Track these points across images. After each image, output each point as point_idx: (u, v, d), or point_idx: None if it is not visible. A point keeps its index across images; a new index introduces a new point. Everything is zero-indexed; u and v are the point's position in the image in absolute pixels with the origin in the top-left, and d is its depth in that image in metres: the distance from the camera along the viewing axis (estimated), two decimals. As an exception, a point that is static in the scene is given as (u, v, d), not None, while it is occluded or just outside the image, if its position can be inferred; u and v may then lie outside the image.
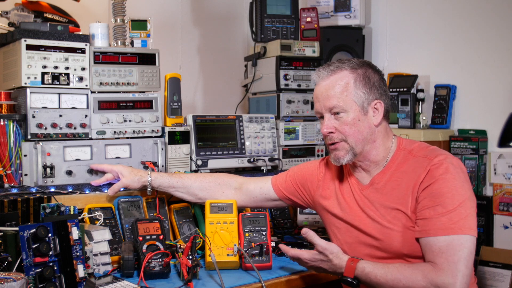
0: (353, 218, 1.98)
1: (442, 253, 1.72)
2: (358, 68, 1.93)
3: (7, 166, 2.20)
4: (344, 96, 1.90)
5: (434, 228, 1.75)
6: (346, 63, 1.95)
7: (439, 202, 1.77)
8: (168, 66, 3.14)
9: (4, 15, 2.36)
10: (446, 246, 1.72)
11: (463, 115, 3.12)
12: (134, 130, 2.52)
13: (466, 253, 1.71)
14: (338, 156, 1.95)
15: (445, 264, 1.70)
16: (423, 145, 1.96)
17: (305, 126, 3.11)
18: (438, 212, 1.76)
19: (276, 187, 2.27)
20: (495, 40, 2.98)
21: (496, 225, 2.92)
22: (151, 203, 2.40)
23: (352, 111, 1.90)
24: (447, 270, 1.69)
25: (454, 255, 1.70)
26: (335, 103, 1.90)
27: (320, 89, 1.95)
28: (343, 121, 1.91)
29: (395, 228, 1.87)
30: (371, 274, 1.80)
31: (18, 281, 1.54)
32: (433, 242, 1.75)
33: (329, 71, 1.94)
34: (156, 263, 1.99)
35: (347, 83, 1.91)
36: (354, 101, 1.90)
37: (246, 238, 2.15)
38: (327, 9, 3.44)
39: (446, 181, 1.79)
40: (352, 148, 1.93)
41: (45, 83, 2.32)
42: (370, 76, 1.93)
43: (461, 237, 1.72)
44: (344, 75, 1.92)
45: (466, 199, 1.77)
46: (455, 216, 1.74)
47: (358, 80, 1.91)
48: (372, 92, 1.92)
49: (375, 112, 1.93)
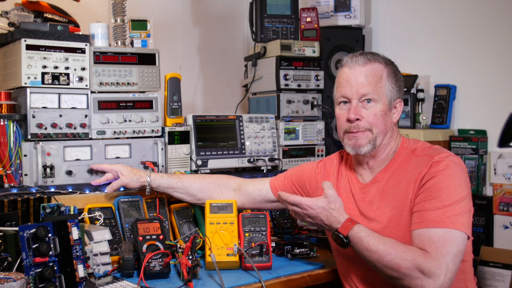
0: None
1: (432, 243, 1.71)
2: (389, 64, 1.97)
3: (7, 166, 2.20)
4: (378, 86, 1.92)
5: (427, 220, 1.76)
6: (379, 56, 1.98)
7: (435, 196, 1.78)
8: (168, 66, 3.14)
9: (4, 15, 2.36)
10: (437, 237, 1.72)
11: (463, 115, 3.12)
12: (134, 130, 2.52)
13: (456, 250, 1.71)
14: (359, 144, 1.93)
15: (434, 253, 1.70)
16: (426, 145, 1.97)
17: (305, 126, 3.11)
18: (433, 206, 1.77)
19: (274, 188, 2.28)
20: (495, 40, 2.98)
21: (496, 225, 2.92)
22: (151, 203, 2.40)
23: (382, 103, 1.92)
24: (435, 260, 1.68)
25: (444, 247, 1.70)
26: (370, 91, 1.91)
27: (355, 74, 1.93)
28: (372, 111, 1.91)
29: (394, 227, 1.88)
30: (364, 239, 1.78)
31: (18, 281, 1.54)
32: (424, 233, 1.75)
33: (366, 59, 1.94)
34: (156, 263, 1.99)
35: (381, 75, 1.93)
36: (385, 94, 1.93)
37: (246, 238, 2.15)
38: (327, 9, 3.44)
39: (445, 177, 1.80)
40: (375, 139, 1.92)
41: (45, 83, 2.31)
42: (398, 74, 1.98)
43: (452, 232, 1.72)
44: (379, 67, 1.94)
45: (463, 198, 1.77)
46: (449, 211, 1.74)
47: (391, 76, 1.95)
48: (398, 90, 1.96)
49: (396, 110, 1.97)
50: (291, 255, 2.30)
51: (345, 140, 1.98)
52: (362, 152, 1.93)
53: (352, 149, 1.96)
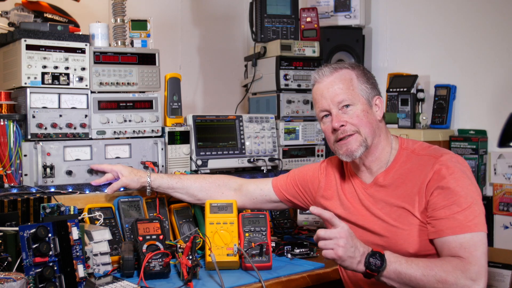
0: (358, 218, 1.99)
1: (465, 248, 1.73)
2: (355, 67, 2.01)
3: (7, 166, 2.20)
4: (351, 90, 1.94)
5: (452, 227, 1.76)
6: (345, 63, 2.02)
7: (453, 201, 1.78)
8: (168, 66, 3.14)
9: (4, 15, 2.36)
10: (467, 242, 1.74)
11: (463, 115, 3.12)
12: (134, 130, 2.52)
13: (485, 250, 1.74)
14: (351, 150, 1.92)
15: (471, 258, 1.71)
16: (424, 144, 1.98)
17: (305, 126, 3.11)
18: (453, 211, 1.77)
19: (277, 188, 2.27)
20: (495, 40, 2.98)
21: (496, 225, 2.92)
22: (151, 203, 2.40)
23: (361, 104, 1.94)
24: (474, 264, 1.70)
25: (476, 250, 1.72)
26: (344, 97, 1.93)
27: (326, 86, 1.96)
28: (353, 114, 1.93)
29: (400, 226, 1.88)
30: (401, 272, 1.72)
31: (18, 281, 1.54)
32: (452, 240, 1.76)
33: (332, 69, 1.98)
34: (156, 263, 1.99)
35: (351, 78, 1.96)
36: (360, 95, 1.94)
37: (246, 238, 2.15)
38: (327, 9, 3.44)
39: (457, 180, 1.81)
40: (365, 140, 1.93)
41: (45, 83, 2.31)
42: (367, 74, 2.01)
43: (478, 234, 1.75)
44: (346, 72, 1.97)
45: (477, 196, 1.80)
46: (470, 214, 1.76)
47: (360, 77, 1.97)
48: (372, 88, 1.99)
49: (377, 107, 1.98)
50: (291, 255, 2.31)
51: (337, 151, 1.97)
52: (357, 156, 1.93)
53: (346, 157, 1.95)
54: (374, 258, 1.72)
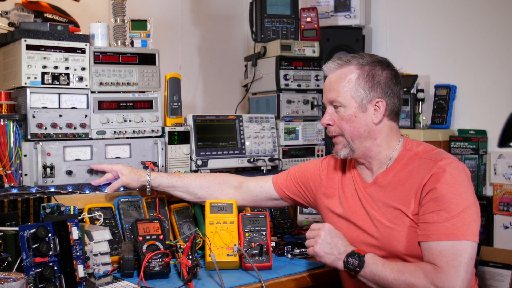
0: (355, 217, 1.99)
1: (443, 256, 1.71)
2: (365, 65, 1.94)
3: (7, 166, 2.20)
4: (344, 91, 1.93)
5: (437, 233, 1.75)
6: (356, 58, 1.96)
7: (443, 207, 1.76)
8: (168, 66, 3.14)
9: (4, 15, 2.36)
10: (447, 250, 1.72)
11: (463, 115, 3.12)
12: (134, 130, 2.52)
13: (467, 259, 1.71)
14: (336, 150, 2.01)
15: (446, 267, 1.70)
16: (429, 147, 1.95)
17: (305, 126, 3.11)
18: (442, 217, 1.75)
19: (277, 186, 2.27)
20: (495, 40, 2.98)
21: (496, 225, 2.92)
22: (151, 203, 2.40)
23: (350, 107, 1.92)
24: (448, 274, 1.69)
25: (455, 259, 1.70)
26: (334, 97, 1.95)
27: (327, 81, 2.00)
28: (341, 116, 1.94)
29: (395, 228, 1.87)
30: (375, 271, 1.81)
31: (18, 281, 1.54)
32: (434, 246, 1.75)
33: (337, 65, 1.98)
34: (156, 263, 1.99)
35: (349, 79, 1.93)
36: (352, 98, 1.92)
37: (246, 238, 2.15)
38: (327, 9, 3.44)
39: (451, 186, 1.78)
40: (349, 143, 1.95)
41: (45, 83, 2.31)
42: (376, 74, 1.93)
43: (462, 243, 1.72)
44: (348, 71, 1.94)
45: (470, 205, 1.76)
46: (459, 221, 1.73)
47: (362, 77, 1.92)
48: (374, 90, 1.92)
49: (376, 110, 1.93)
50: (291, 255, 2.31)
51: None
52: (341, 156, 1.98)
53: (334, 153, 2.03)
54: (353, 258, 1.83)
